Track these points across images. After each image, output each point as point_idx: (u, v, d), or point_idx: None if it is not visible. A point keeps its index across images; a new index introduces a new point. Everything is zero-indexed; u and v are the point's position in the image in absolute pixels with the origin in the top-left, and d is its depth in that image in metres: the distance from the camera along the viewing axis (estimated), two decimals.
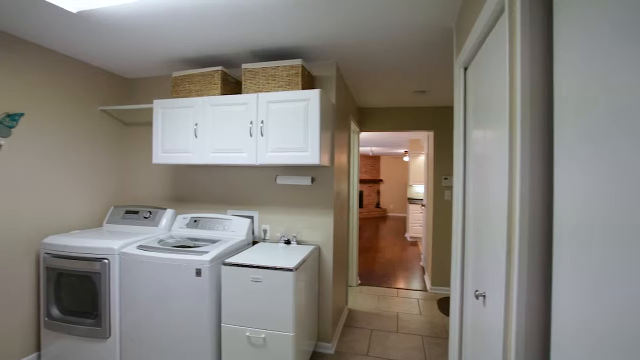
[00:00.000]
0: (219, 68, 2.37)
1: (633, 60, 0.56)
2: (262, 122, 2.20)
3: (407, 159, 9.16)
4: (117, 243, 2.18)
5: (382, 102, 3.96)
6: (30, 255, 2.33)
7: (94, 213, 2.80)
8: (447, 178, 3.98)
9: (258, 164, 2.23)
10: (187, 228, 2.58)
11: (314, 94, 2.12)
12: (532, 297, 0.89)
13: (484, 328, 1.30)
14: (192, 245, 2.28)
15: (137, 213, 2.70)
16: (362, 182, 11.03)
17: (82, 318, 2.20)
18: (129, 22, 1.95)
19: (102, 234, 2.43)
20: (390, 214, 12.35)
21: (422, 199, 7.58)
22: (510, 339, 0.94)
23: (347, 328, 3.03)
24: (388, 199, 12.33)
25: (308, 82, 2.38)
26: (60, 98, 2.49)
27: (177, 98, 2.44)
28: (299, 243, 2.56)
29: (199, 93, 2.41)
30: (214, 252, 2.06)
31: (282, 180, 2.54)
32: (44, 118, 2.39)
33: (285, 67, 2.24)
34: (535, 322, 0.89)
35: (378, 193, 12.28)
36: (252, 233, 2.60)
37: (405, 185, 11.63)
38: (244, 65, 2.33)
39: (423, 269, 5.03)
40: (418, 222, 7.41)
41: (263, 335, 1.93)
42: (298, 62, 2.23)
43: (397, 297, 3.88)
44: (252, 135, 2.22)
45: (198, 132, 2.35)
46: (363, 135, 4.94)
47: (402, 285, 4.29)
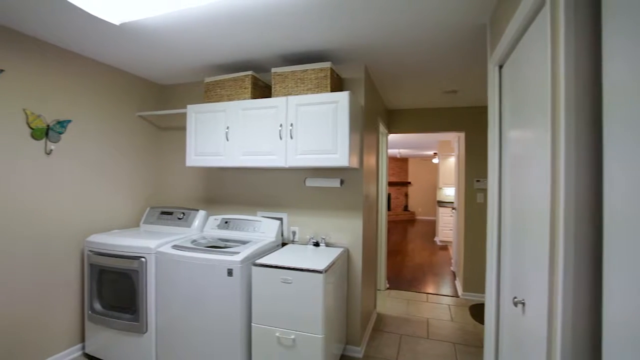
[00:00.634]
0: (249, 73, 2.43)
1: None
2: (291, 125, 2.23)
3: (436, 161, 8.94)
4: (153, 242, 2.27)
5: (410, 103, 3.89)
6: (76, 253, 2.48)
7: (132, 213, 2.94)
8: (479, 180, 3.84)
9: (287, 167, 2.26)
10: (218, 229, 2.65)
11: (343, 96, 2.12)
12: (579, 303, 0.84)
13: (524, 337, 1.24)
14: (223, 246, 2.34)
15: (171, 214, 2.81)
16: (389, 184, 10.89)
17: (121, 313, 2.32)
18: (165, 31, 2.04)
19: (139, 234, 2.55)
20: (419, 217, 12.09)
21: (452, 202, 7.36)
22: (555, 350, 0.89)
23: (375, 332, 2.99)
24: (416, 202, 12.07)
25: (337, 84, 2.39)
26: (102, 105, 2.65)
27: (209, 103, 2.52)
28: (328, 245, 2.56)
29: (230, 97, 2.48)
30: (245, 252, 2.10)
31: (311, 183, 2.55)
32: (88, 124, 2.54)
33: (314, 70, 2.26)
34: (584, 330, 0.83)
35: (406, 196, 12.06)
36: (281, 235, 2.63)
37: (435, 188, 11.35)
38: (274, 70, 2.37)
39: (454, 274, 4.88)
40: (448, 225, 7.20)
41: (293, 337, 1.94)
42: (327, 64, 2.24)
43: (426, 302, 3.78)
44: (281, 138, 2.26)
45: (229, 135, 2.41)
46: (391, 137, 4.88)
47: (431, 290, 4.18)
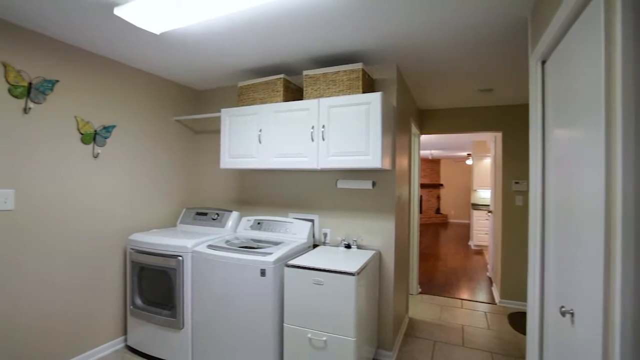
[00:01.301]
0: (281, 76, 2.47)
1: None
2: (323, 126, 2.24)
3: (470, 162, 8.63)
4: (189, 242, 2.36)
5: (444, 102, 3.78)
6: (120, 250, 2.63)
7: (170, 214, 3.07)
8: (518, 182, 3.66)
9: (319, 168, 2.27)
10: (251, 230, 2.71)
11: (375, 97, 2.10)
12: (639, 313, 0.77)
13: (574, 350, 1.16)
14: (255, 247, 2.38)
15: (206, 215, 2.90)
16: (421, 186, 10.64)
17: (160, 309, 2.42)
18: (201, 39, 2.12)
19: (176, 233, 2.65)
20: (452, 220, 11.71)
21: (488, 205, 7.06)
22: None
23: (408, 337, 2.92)
24: (449, 205, 11.71)
25: (368, 85, 2.37)
26: (142, 111, 2.79)
27: (242, 106, 2.58)
28: (360, 247, 2.54)
29: (263, 101, 2.53)
30: (278, 253, 2.13)
31: (342, 184, 2.55)
32: (130, 129, 2.69)
33: (346, 71, 2.25)
34: None
35: (438, 198, 11.73)
36: (312, 236, 2.64)
37: (469, 190, 10.94)
38: (305, 72, 2.39)
39: (490, 280, 4.67)
40: (483, 229, 6.92)
41: (324, 338, 1.94)
42: (358, 66, 2.22)
43: (461, 308, 3.65)
44: (313, 140, 2.27)
45: (262, 138, 2.46)
46: (422, 138, 4.77)
47: (466, 296, 4.02)
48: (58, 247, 2.22)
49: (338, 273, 1.92)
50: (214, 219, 2.83)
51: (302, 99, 2.59)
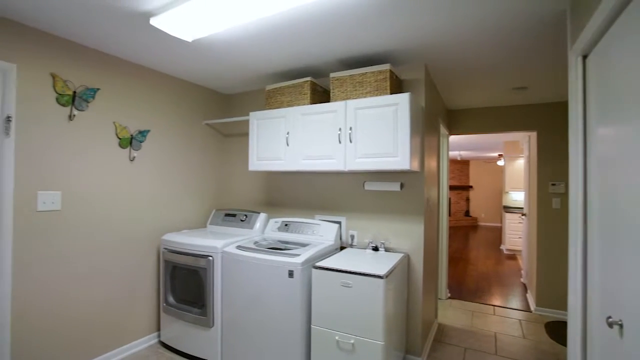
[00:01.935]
0: (308, 79, 2.48)
1: None
2: (350, 128, 2.23)
3: (501, 163, 8.31)
4: (219, 243, 2.42)
5: (474, 102, 3.67)
6: (154, 249, 2.74)
7: (200, 215, 3.17)
8: (555, 184, 3.48)
9: (347, 170, 2.26)
10: (278, 231, 2.74)
11: (403, 98, 2.07)
12: None
13: None
14: (283, 248, 2.40)
15: (234, 216, 2.96)
16: (449, 188, 10.38)
17: (191, 307, 2.50)
18: (230, 44, 2.17)
19: (206, 234, 2.73)
20: (482, 224, 11.32)
21: (521, 208, 6.77)
22: None
23: (437, 343, 2.84)
24: (479, 207, 11.32)
25: (396, 86, 2.34)
26: (174, 115, 2.90)
27: (270, 109, 2.63)
28: (387, 250, 2.50)
29: (290, 103, 2.56)
30: (305, 255, 2.14)
31: (370, 186, 2.53)
32: (162, 133, 2.80)
33: (373, 72, 2.23)
34: None
35: (467, 200, 11.37)
36: (339, 238, 2.63)
37: (500, 192, 10.55)
38: (332, 74, 2.39)
39: (525, 287, 4.47)
40: (516, 233, 6.63)
41: (352, 341, 1.92)
42: (386, 67, 2.20)
43: (493, 315, 3.51)
44: (341, 142, 2.27)
45: (289, 140, 2.49)
46: (451, 139, 4.65)
47: (498, 303, 3.87)
48: (98, 245, 2.34)
49: (366, 276, 1.90)
50: (242, 220, 2.89)
51: (329, 101, 2.60)
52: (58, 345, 2.13)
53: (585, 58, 1.48)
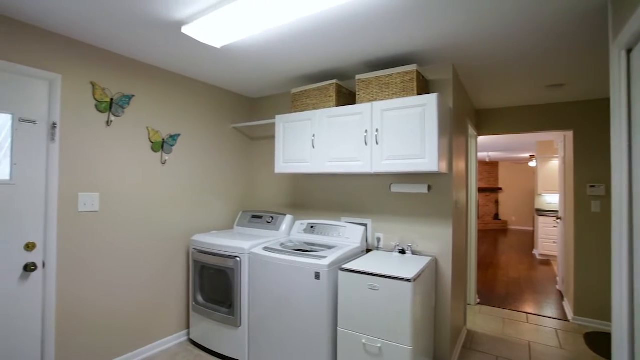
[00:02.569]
0: (334, 81, 2.49)
1: None
2: (377, 130, 2.21)
3: (533, 164, 7.97)
4: (247, 244, 2.46)
5: (504, 101, 3.54)
6: (183, 250, 2.82)
7: (227, 216, 3.24)
8: (594, 186, 3.30)
9: (373, 172, 2.25)
10: (304, 233, 2.76)
11: (431, 99, 2.03)
12: None
13: None
14: (309, 250, 2.41)
15: (261, 218, 3.01)
16: (478, 190, 10.06)
17: (219, 306, 2.55)
18: (256, 49, 2.21)
19: (234, 235, 2.79)
20: (512, 227, 10.89)
21: (556, 211, 6.45)
22: None
23: (466, 350, 2.76)
24: (509, 210, 10.90)
25: (423, 87, 2.30)
26: (203, 120, 2.99)
27: (296, 112, 2.65)
28: (414, 253, 2.46)
29: (316, 106, 2.57)
30: (332, 257, 2.14)
31: (396, 189, 2.49)
32: (192, 137, 2.89)
33: (400, 73, 2.21)
34: None
35: (496, 203, 10.99)
36: (365, 241, 2.61)
37: (532, 195, 10.12)
38: (358, 76, 2.39)
39: (561, 294, 4.25)
40: (551, 237, 6.32)
41: (379, 345, 1.90)
42: (412, 67, 2.17)
43: (526, 323, 3.36)
44: (367, 144, 2.25)
45: (315, 143, 2.50)
46: (479, 140, 4.51)
47: (532, 310, 3.70)
48: (132, 245, 2.45)
49: (394, 279, 1.87)
50: (269, 222, 2.93)
51: (354, 104, 2.59)
52: (96, 339, 2.24)
53: (630, 52, 1.39)
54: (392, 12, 1.73)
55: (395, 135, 2.15)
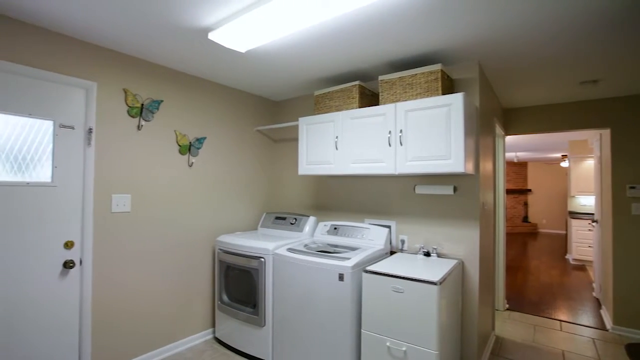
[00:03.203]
0: (356, 83, 2.48)
1: None
2: (400, 131, 2.19)
3: (565, 165, 7.61)
4: (271, 245, 2.49)
5: (533, 99, 3.41)
6: (209, 250, 2.90)
7: (251, 217, 3.30)
8: (635, 187, 3.11)
9: (397, 174, 2.22)
10: (327, 235, 2.76)
11: (457, 99, 1.99)
12: None
13: None
14: (332, 251, 2.41)
15: (284, 219, 3.04)
16: (505, 192, 9.71)
17: (243, 306, 2.60)
18: (280, 52, 2.24)
19: (258, 236, 2.83)
20: (542, 230, 10.44)
21: (591, 213, 6.14)
22: None
23: (494, 357, 2.66)
24: (539, 212, 10.46)
25: (448, 86, 2.25)
26: (228, 123, 3.06)
27: (318, 114, 2.66)
28: (440, 256, 2.41)
29: (339, 108, 2.58)
30: (355, 259, 2.13)
31: (421, 190, 2.45)
32: (217, 140, 2.96)
33: (424, 73, 2.18)
34: None
35: (525, 205, 10.57)
36: (389, 243, 2.58)
37: (564, 196, 9.68)
38: (381, 77, 2.37)
39: (598, 302, 4.03)
40: (586, 241, 6.01)
41: (404, 348, 1.87)
42: (437, 67, 2.13)
43: (560, 331, 3.21)
44: (390, 145, 2.23)
45: (338, 144, 2.50)
46: (506, 140, 4.36)
47: (566, 318, 3.53)
48: (161, 245, 2.54)
49: (419, 281, 1.84)
50: (292, 224, 2.95)
51: (377, 105, 2.58)
52: (128, 334, 2.33)
53: None
54: (415, 11, 1.71)
55: (420, 136, 2.12)
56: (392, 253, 2.58)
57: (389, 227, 2.62)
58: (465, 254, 2.34)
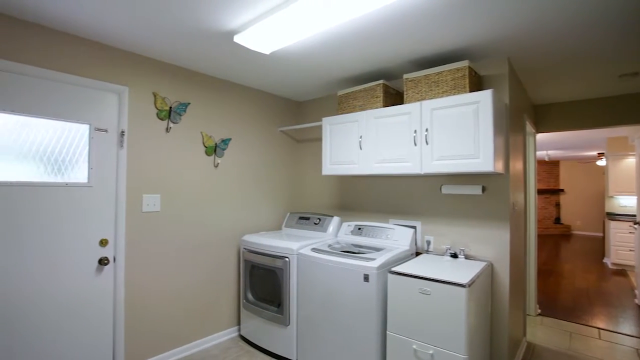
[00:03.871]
0: (380, 82, 2.46)
1: None
2: (426, 130, 2.14)
3: (601, 163, 7.21)
4: (295, 245, 2.50)
5: (567, 94, 3.25)
6: (235, 249, 2.95)
7: (275, 217, 3.33)
8: None
9: (423, 173, 2.18)
10: (351, 235, 2.75)
11: (485, 96, 1.93)
12: None
13: None
14: (356, 252, 2.39)
15: (308, 219, 3.05)
16: (537, 192, 9.32)
17: (268, 305, 2.62)
18: (303, 53, 2.25)
19: (282, 236, 2.85)
20: (576, 232, 9.93)
21: (633, 215, 5.78)
22: None
23: None
24: (572, 213, 9.96)
25: (475, 83, 2.19)
26: (252, 124, 3.11)
27: (342, 114, 2.66)
28: (467, 258, 2.34)
29: (363, 107, 2.56)
30: (381, 259, 2.10)
31: (448, 190, 2.39)
32: (242, 141, 3.01)
33: (450, 70, 2.12)
34: None
35: (557, 206, 10.10)
36: (415, 243, 2.54)
37: (601, 197, 9.17)
38: (405, 76, 2.33)
39: None
40: (626, 244, 5.66)
41: (431, 352, 1.83)
42: (464, 63, 2.08)
43: (598, 339, 3.04)
44: (416, 144, 2.19)
45: (362, 144, 2.48)
46: (537, 137, 4.18)
47: (604, 325, 3.34)
48: (189, 243, 2.61)
49: (447, 284, 1.80)
50: (316, 224, 2.96)
51: (402, 103, 2.54)
52: (157, 330, 2.41)
53: None
54: (440, 7, 1.67)
55: (446, 135, 2.07)
56: (417, 254, 2.53)
57: (414, 227, 2.58)
58: (495, 256, 2.26)
